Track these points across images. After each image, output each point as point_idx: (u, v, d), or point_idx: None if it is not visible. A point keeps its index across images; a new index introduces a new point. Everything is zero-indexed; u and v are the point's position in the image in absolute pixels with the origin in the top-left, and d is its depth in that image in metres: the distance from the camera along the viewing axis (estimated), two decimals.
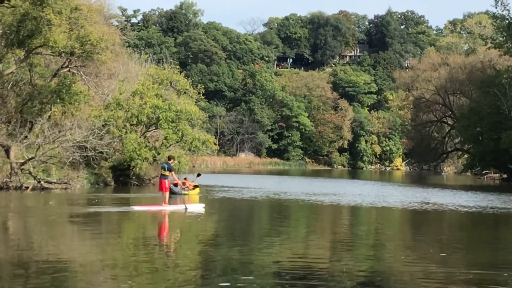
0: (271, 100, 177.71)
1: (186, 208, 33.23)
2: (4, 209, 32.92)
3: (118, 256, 18.77)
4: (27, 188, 45.04)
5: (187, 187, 46.40)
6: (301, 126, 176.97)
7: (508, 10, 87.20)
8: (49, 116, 50.16)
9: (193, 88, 62.06)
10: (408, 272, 17.21)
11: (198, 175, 50.97)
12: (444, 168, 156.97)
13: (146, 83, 58.08)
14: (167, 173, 33.89)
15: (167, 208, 32.87)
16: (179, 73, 62.59)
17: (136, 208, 32.41)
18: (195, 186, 47.74)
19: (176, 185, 42.82)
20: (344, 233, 26.48)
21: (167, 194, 33.87)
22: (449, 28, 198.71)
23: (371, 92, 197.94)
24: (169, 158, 35.86)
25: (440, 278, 16.37)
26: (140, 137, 54.96)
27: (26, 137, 48.42)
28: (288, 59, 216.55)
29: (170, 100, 57.22)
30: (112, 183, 54.09)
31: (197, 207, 34.25)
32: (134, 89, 57.47)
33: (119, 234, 24.49)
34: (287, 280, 15.62)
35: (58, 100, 48.93)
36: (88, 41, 47.08)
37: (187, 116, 57.04)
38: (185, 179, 48.32)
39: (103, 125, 52.10)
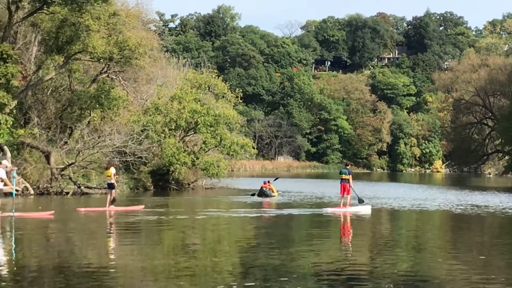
0: (309, 103, 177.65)
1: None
2: (64, 214, 32.45)
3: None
4: (67, 193, 45.47)
5: (271, 189, 48.67)
6: (339, 129, 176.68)
7: None
8: (89, 122, 50.61)
9: (231, 92, 61.99)
10: (447, 275, 16.99)
11: (276, 178, 55.54)
12: (488, 170, 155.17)
13: (184, 87, 58.23)
14: (347, 177, 35.91)
15: (351, 209, 35.67)
16: (217, 77, 62.47)
17: (329, 210, 35.58)
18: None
19: (268, 188, 47.82)
20: (384, 236, 26.28)
21: (349, 197, 36.31)
22: (488, 28, 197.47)
23: (410, 94, 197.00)
24: (346, 164, 38.45)
25: (478, 280, 16.12)
26: (178, 142, 55.17)
27: (66, 142, 48.94)
28: (326, 62, 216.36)
29: (208, 105, 57.30)
30: (152, 187, 54.40)
31: (365, 209, 36.67)
32: (172, 93, 57.69)
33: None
34: (328, 282, 15.54)
35: (97, 106, 49.37)
36: (127, 47, 47.43)
37: (226, 120, 57.14)
38: (268, 182, 49.43)
39: (142, 130, 52.47)
